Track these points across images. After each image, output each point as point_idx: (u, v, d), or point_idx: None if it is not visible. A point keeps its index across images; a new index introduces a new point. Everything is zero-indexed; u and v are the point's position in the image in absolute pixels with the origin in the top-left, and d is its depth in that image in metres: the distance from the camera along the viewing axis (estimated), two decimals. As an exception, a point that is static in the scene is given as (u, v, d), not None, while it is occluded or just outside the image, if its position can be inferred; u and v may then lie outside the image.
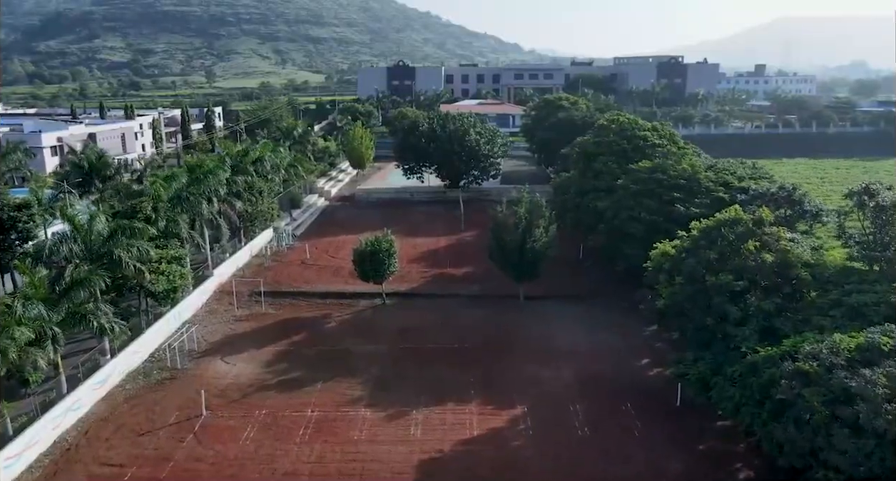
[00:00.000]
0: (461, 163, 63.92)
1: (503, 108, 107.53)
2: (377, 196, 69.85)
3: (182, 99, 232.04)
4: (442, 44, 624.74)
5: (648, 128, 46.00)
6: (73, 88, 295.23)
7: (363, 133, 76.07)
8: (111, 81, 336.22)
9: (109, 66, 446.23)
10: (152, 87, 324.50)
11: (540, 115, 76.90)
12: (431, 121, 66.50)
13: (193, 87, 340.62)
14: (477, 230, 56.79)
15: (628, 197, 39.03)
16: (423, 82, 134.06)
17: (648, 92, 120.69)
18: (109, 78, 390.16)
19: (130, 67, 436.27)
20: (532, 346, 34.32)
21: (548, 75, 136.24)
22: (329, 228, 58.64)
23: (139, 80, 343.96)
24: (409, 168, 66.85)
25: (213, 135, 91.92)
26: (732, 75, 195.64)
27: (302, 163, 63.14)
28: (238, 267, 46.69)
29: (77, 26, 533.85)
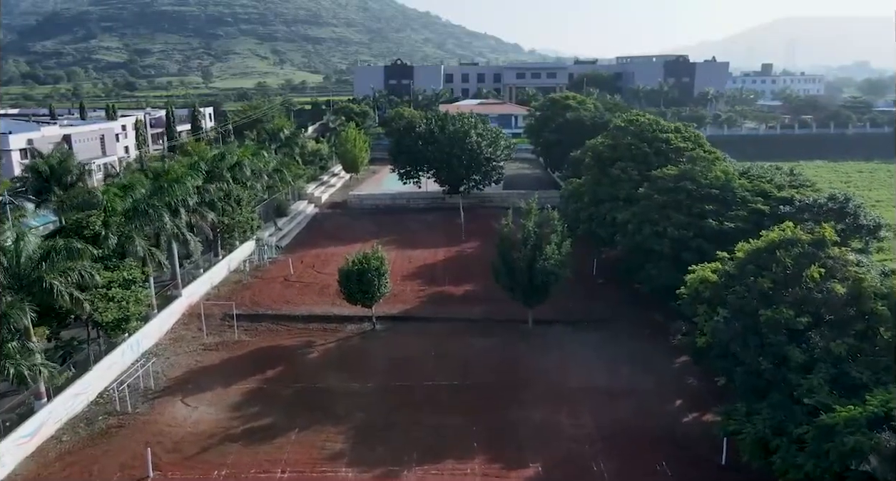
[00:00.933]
0: (461, 167, 59.11)
1: (505, 108, 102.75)
2: (371, 202, 65.00)
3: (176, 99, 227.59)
4: (442, 44, 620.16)
5: (671, 129, 41.10)
6: (67, 89, 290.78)
7: (357, 135, 71.26)
8: (106, 82, 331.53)
9: (106, 67, 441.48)
10: (147, 88, 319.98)
11: (545, 116, 72.07)
12: (429, 121, 61.68)
13: (190, 87, 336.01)
14: (478, 240, 52.06)
15: (652, 208, 34.16)
16: (421, 81, 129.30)
17: (656, 91, 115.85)
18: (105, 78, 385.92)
19: (127, 68, 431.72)
20: (545, 384, 29.45)
21: (551, 74, 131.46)
22: (317, 239, 53.78)
23: (134, 81, 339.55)
24: (404, 172, 62.04)
25: (200, 137, 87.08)
26: (738, 75, 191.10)
27: (289, 167, 58.35)
28: (213, 284, 41.85)
29: (74, 26, 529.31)
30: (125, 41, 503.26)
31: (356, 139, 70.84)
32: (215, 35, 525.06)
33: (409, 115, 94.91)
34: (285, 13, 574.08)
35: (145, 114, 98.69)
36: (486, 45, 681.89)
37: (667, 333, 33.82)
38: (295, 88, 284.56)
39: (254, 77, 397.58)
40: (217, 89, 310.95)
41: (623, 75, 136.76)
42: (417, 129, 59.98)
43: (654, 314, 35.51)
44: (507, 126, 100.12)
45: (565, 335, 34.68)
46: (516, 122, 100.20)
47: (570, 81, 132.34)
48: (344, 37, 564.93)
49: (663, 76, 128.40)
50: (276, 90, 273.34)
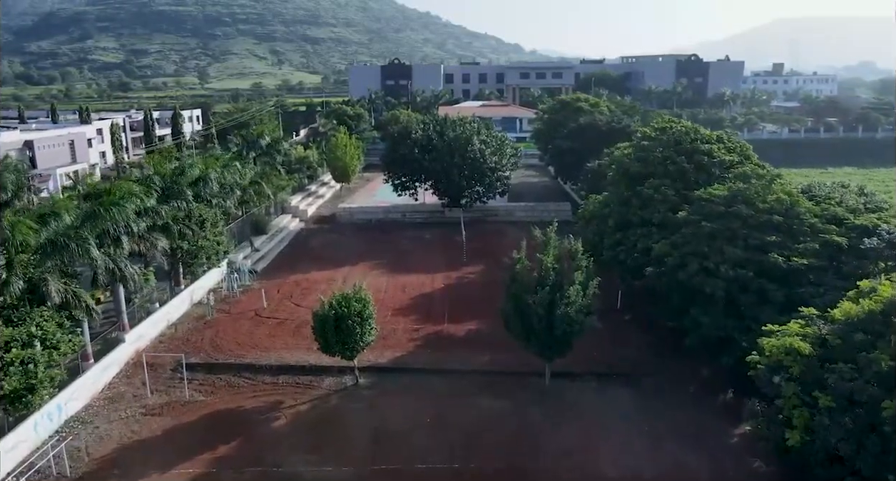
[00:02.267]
0: (462, 178, 52.64)
1: (509, 110, 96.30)
2: (362, 216, 58.55)
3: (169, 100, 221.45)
4: (442, 44, 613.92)
5: (713, 139, 34.61)
6: (59, 89, 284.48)
7: (348, 141, 64.82)
8: (100, 83, 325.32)
9: (101, 67, 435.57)
10: (142, 89, 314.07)
11: (555, 119, 65.65)
12: (427, 126, 55.26)
13: (185, 88, 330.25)
14: (482, 263, 45.70)
15: (698, 238, 27.71)
16: (420, 82, 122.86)
17: (669, 92, 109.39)
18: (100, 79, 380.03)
19: (123, 68, 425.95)
20: (569, 471, 23.02)
21: (556, 74, 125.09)
22: (300, 261, 47.33)
23: (129, 82, 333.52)
24: (399, 184, 55.63)
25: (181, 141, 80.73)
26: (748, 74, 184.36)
27: (269, 179, 51.96)
28: (169, 322, 35.42)
29: (70, 26, 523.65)
30: (122, 41, 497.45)
31: (347, 146, 64.42)
32: (213, 35, 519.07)
33: (406, 118, 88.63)
34: (284, 13, 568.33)
35: (125, 117, 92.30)
36: (486, 45, 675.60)
37: (717, 393, 27.47)
38: (292, 89, 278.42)
39: (251, 77, 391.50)
40: (213, 90, 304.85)
41: (632, 75, 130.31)
42: (414, 136, 53.57)
43: (699, 367, 29.09)
44: (512, 129, 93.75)
45: (591, 394, 28.21)
46: (521, 126, 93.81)
47: (577, 82, 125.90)
48: (343, 37, 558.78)
49: (675, 76, 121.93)
50: (272, 91, 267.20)
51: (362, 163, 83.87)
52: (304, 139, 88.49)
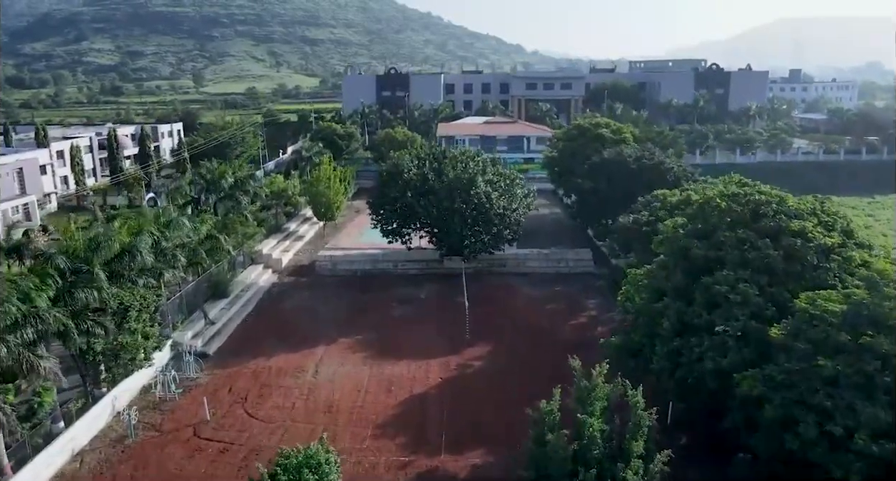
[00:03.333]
0: (465, 226, 43.80)
1: (515, 128, 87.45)
2: (346, 267, 49.67)
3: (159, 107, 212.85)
4: (443, 45, 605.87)
5: (804, 211, 25.68)
6: (48, 94, 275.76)
7: (332, 173, 55.96)
8: (91, 87, 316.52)
9: (96, 70, 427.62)
10: (135, 93, 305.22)
11: (571, 148, 56.78)
12: (422, 163, 46.40)
13: (180, 92, 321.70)
14: (489, 340, 37.13)
15: (813, 381, 18.86)
16: (418, 92, 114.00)
17: (690, 106, 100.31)
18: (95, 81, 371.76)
19: (117, 71, 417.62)
20: None
21: (566, 85, 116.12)
22: (264, 337, 38.47)
23: (122, 86, 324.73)
24: (390, 230, 46.79)
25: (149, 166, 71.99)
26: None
27: (233, 228, 43.28)
28: (74, 451, 26.62)
29: (65, 27, 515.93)
30: (117, 43, 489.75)
31: (332, 179, 55.57)
32: (210, 36, 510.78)
33: (402, 137, 79.94)
34: (282, 14, 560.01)
35: (93, 135, 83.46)
36: (487, 45, 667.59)
37: None
38: (287, 94, 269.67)
39: (248, 80, 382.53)
40: (208, 94, 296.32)
41: (647, 86, 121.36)
42: (406, 175, 44.71)
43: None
44: (518, 149, 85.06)
45: None
46: (529, 145, 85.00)
47: (587, 92, 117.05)
48: (343, 38, 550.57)
49: (694, 87, 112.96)
50: (266, 96, 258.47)
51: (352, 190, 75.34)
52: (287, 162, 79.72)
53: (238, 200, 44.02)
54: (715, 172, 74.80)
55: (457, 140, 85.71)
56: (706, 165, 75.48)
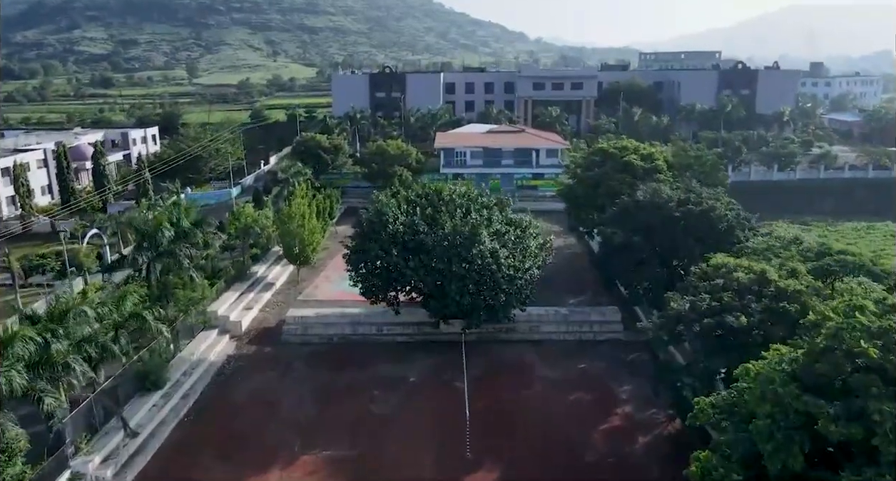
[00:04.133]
0: (465, 293, 34.62)
1: (523, 139, 77.91)
2: (319, 331, 40.51)
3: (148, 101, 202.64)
4: (444, 33, 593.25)
5: None
6: (35, 86, 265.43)
7: (308, 207, 46.58)
8: (79, 78, 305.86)
9: (88, 59, 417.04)
10: (125, 84, 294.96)
11: (594, 178, 47.38)
12: (411, 208, 37.11)
13: (172, 83, 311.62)
14: (497, 457, 28.12)
15: None
16: (415, 93, 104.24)
17: (716, 111, 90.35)
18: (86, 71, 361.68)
19: (110, 60, 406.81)
20: None
21: (576, 85, 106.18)
22: (203, 447, 29.45)
23: (112, 77, 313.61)
24: (372, 292, 37.58)
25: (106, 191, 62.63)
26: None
27: (176, 293, 34.19)
28: None
29: (58, 15, 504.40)
30: (111, 31, 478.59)
31: (307, 215, 46.26)
32: (206, 24, 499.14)
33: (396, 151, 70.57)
34: (280, 1, 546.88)
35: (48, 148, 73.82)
36: (490, 33, 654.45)
37: None
38: (282, 87, 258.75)
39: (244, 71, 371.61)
40: (201, 86, 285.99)
41: (664, 86, 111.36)
42: (391, 227, 35.41)
43: None
44: (526, 163, 75.69)
45: None
46: (538, 158, 75.56)
47: (600, 92, 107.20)
48: (342, 26, 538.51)
49: (717, 88, 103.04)
50: (260, 89, 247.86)
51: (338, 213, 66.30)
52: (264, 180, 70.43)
53: (179, 260, 34.73)
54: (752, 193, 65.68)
55: (457, 152, 76.35)
56: (740, 183, 66.23)
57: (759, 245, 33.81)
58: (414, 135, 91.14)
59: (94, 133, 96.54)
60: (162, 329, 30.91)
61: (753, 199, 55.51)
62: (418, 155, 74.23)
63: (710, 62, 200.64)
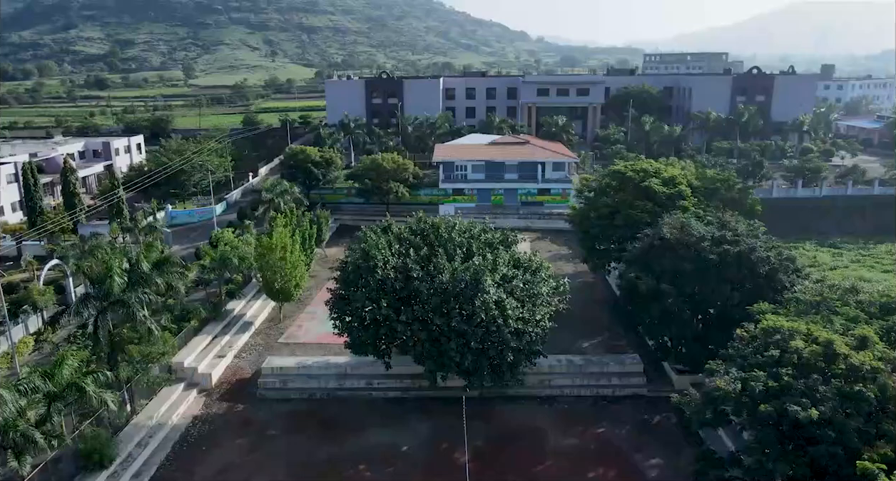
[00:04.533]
0: (467, 352, 29.66)
1: (527, 151, 72.88)
2: (300, 386, 35.53)
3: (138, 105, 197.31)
4: (445, 32, 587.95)
5: None
6: (26, 88, 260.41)
7: (289, 241, 41.54)
8: (73, 79, 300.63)
9: (84, 59, 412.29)
10: (120, 85, 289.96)
11: (609, 205, 42.32)
12: (403, 248, 32.12)
13: (168, 84, 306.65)
14: None
15: None
16: (414, 100, 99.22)
17: (732, 120, 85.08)
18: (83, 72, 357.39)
19: (106, 60, 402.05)
20: None
21: (582, 91, 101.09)
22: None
23: (108, 78, 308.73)
24: (359, 345, 32.58)
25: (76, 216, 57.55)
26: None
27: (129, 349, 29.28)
28: None
29: (54, 14, 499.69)
30: (108, 31, 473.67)
31: (288, 247, 41.27)
32: (204, 24, 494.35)
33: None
34: (279, 0, 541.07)
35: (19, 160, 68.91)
36: (491, 32, 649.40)
37: None
38: (279, 89, 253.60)
39: (241, 71, 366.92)
40: (196, 87, 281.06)
41: (674, 91, 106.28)
42: (379, 272, 30.43)
43: None
44: (531, 178, 70.72)
45: None
46: (544, 172, 70.55)
47: (607, 99, 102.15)
48: (341, 25, 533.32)
49: (730, 94, 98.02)
50: (256, 91, 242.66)
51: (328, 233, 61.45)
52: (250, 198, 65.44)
53: (131, 310, 29.68)
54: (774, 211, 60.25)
55: (457, 165, 71.35)
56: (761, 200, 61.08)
57: (810, 295, 28.82)
58: (411, 146, 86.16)
59: (74, 142, 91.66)
60: (107, 399, 26.00)
61: (776, 218, 50.56)
62: (416, 168, 69.31)
63: (718, 64, 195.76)
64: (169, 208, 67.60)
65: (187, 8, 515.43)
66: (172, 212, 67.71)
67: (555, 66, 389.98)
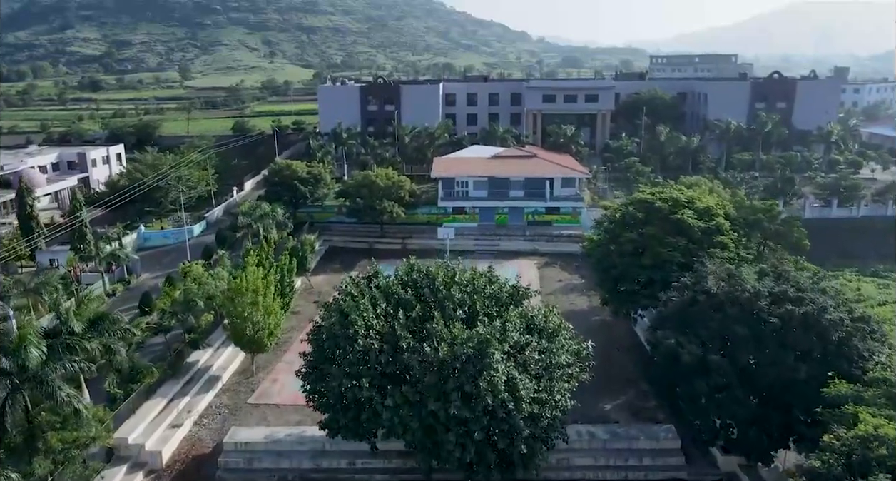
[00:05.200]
0: (470, 448, 23.65)
1: (534, 166, 66.86)
2: (268, 466, 29.51)
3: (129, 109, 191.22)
4: (445, 33, 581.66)
5: None
6: (18, 90, 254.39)
7: (261, 283, 35.48)
8: (66, 81, 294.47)
9: (80, 60, 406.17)
10: (115, 87, 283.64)
11: (633, 240, 36.31)
12: (390, 307, 26.10)
13: (163, 86, 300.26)
14: None
15: None
16: (412, 107, 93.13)
17: (754, 130, 78.63)
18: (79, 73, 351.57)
19: (102, 61, 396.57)
20: None
21: (591, 97, 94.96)
22: None
23: (102, 79, 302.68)
24: (336, 429, 26.56)
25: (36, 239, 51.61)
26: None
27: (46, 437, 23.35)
28: None
29: (50, 15, 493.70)
30: (104, 31, 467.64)
31: (260, 290, 35.23)
32: (202, 24, 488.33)
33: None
34: (278, 0, 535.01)
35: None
36: (492, 33, 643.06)
37: None
38: (276, 90, 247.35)
39: (239, 73, 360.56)
40: (192, 89, 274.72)
41: (687, 97, 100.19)
42: (360, 342, 24.40)
43: None
44: (539, 195, 64.74)
45: None
46: (552, 189, 64.55)
47: (617, 105, 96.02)
48: (341, 26, 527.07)
49: (749, 100, 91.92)
50: (253, 93, 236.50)
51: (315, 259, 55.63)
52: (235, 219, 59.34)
53: (50, 390, 23.73)
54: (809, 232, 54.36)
55: (457, 182, 65.34)
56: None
57: None
58: (409, 157, 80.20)
59: (48, 152, 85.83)
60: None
61: (811, 241, 44.37)
62: (412, 185, 63.29)
63: (727, 66, 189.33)
64: (141, 229, 61.70)
65: (186, 8, 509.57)
66: (145, 233, 61.81)
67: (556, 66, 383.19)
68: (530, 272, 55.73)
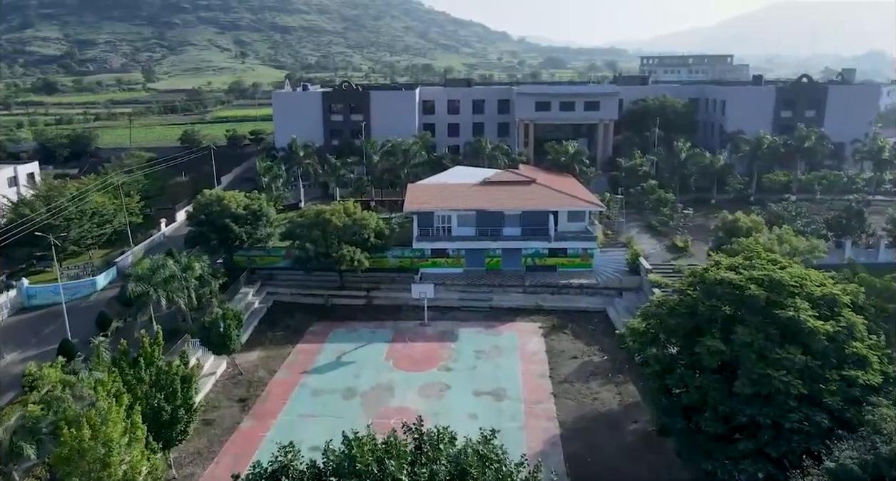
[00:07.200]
0: None
1: (533, 196, 53.20)
2: None
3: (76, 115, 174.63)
4: (424, 33, 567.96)
5: None
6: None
7: (121, 426, 21.46)
8: (18, 83, 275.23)
9: (39, 61, 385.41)
10: (72, 90, 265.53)
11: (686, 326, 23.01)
12: None
13: (125, 88, 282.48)
14: None
15: None
16: (383, 116, 79.14)
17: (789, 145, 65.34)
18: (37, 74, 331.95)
19: (62, 62, 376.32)
20: None
21: (591, 104, 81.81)
22: None
23: (58, 81, 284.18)
24: None
25: None
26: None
27: None
28: None
29: (10, 13, 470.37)
30: (66, 30, 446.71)
31: (119, 441, 21.22)
32: (170, 23, 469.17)
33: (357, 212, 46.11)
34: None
35: None
36: (472, 33, 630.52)
37: None
38: (243, 93, 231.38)
39: (207, 74, 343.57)
40: (155, 92, 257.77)
41: (699, 103, 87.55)
42: None
43: None
44: (540, 233, 51.07)
45: None
46: (556, 224, 51.10)
47: (621, 114, 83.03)
48: (316, 25, 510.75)
49: (773, 108, 79.52)
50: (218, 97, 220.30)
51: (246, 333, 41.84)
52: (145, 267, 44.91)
53: None
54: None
55: (437, 216, 51.59)
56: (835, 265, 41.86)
57: None
58: (377, 179, 66.34)
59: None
60: None
61: None
62: (379, 223, 49.43)
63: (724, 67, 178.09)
64: (24, 284, 47.11)
65: (153, 6, 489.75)
66: (30, 289, 47.24)
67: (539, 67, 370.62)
68: (534, 343, 42.44)
